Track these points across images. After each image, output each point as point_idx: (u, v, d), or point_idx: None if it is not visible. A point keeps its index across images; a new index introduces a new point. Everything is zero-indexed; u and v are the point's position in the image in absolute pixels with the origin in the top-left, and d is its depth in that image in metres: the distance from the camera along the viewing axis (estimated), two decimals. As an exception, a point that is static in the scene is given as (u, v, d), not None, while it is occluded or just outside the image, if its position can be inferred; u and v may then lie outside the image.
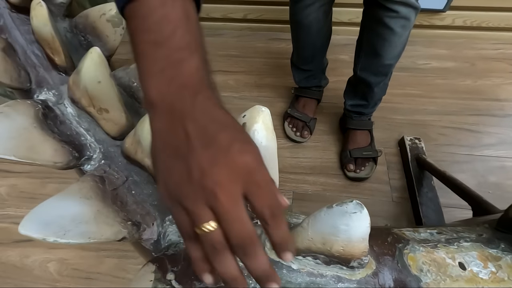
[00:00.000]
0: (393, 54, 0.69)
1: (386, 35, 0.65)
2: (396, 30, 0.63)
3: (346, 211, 0.27)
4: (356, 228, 0.28)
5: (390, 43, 0.66)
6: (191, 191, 0.20)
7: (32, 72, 0.39)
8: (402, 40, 0.66)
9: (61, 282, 0.72)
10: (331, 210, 0.27)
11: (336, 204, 0.27)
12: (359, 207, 0.26)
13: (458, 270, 0.34)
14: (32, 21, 0.34)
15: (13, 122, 0.32)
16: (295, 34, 0.84)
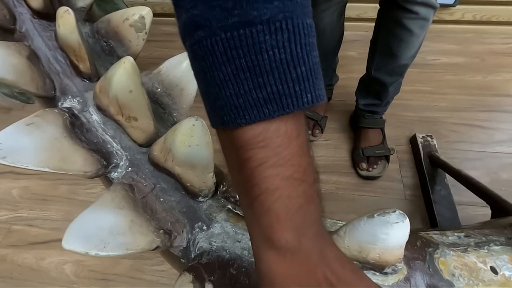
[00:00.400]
0: (409, 54, 0.68)
1: (404, 36, 0.64)
2: (415, 31, 0.63)
3: (388, 221, 0.27)
4: (395, 238, 0.28)
5: (408, 44, 0.65)
6: None
7: (56, 80, 0.39)
8: (420, 40, 0.66)
9: (78, 284, 0.73)
10: (372, 220, 0.27)
11: (378, 214, 0.27)
12: (402, 217, 0.26)
13: (490, 275, 0.34)
14: (59, 28, 0.34)
15: (44, 133, 0.31)
16: None
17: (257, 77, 0.16)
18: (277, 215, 0.18)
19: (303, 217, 0.18)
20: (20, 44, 0.37)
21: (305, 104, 0.17)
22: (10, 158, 0.27)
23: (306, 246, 0.18)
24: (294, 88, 0.17)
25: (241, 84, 0.16)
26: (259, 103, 0.17)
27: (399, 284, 0.34)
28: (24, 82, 0.34)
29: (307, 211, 0.18)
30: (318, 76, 0.18)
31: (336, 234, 0.30)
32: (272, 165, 0.17)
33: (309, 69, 0.17)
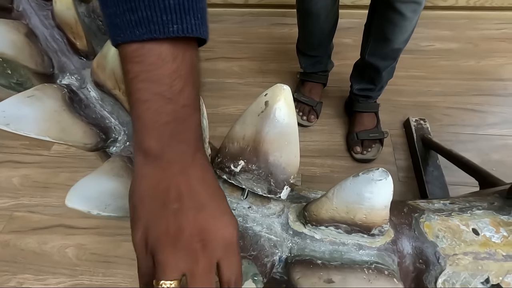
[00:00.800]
0: (402, 38, 0.69)
1: (397, 20, 0.65)
2: (407, 15, 0.63)
3: (372, 179, 0.28)
4: (380, 195, 0.29)
5: (401, 28, 0.66)
6: (172, 246, 0.21)
7: (53, 57, 0.40)
8: (413, 24, 0.67)
9: (81, 266, 0.75)
10: (357, 179, 0.29)
11: (363, 173, 0.29)
12: (385, 174, 0.28)
13: (472, 236, 0.36)
14: (55, 5, 0.35)
15: (45, 105, 0.33)
16: (302, 22, 0.83)
17: (130, 1, 0.19)
18: (144, 122, 0.21)
19: (170, 132, 0.21)
20: (18, 22, 0.38)
21: (171, 33, 0.19)
22: (13, 125, 0.29)
23: (169, 157, 0.21)
24: (161, 17, 0.19)
25: (118, 5, 0.19)
26: (131, 24, 0.19)
27: (386, 246, 0.36)
28: (23, 58, 0.35)
29: (175, 129, 0.21)
30: (190, 12, 0.20)
31: (325, 196, 0.32)
32: (144, 79, 0.20)
33: (178, 3, 0.19)
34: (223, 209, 0.24)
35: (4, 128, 0.28)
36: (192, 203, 0.22)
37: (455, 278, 0.34)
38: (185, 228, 0.21)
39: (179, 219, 0.21)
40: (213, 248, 0.22)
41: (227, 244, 0.23)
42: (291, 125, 0.36)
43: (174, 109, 0.21)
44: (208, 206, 0.22)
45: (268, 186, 0.37)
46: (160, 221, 0.21)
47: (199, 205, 0.22)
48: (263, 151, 0.36)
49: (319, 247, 0.35)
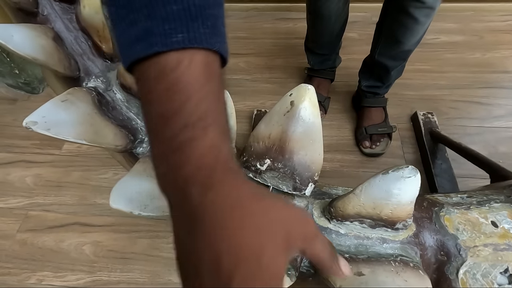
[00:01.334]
0: (413, 41, 0.69)
1: (409, 24, 0.65)
2: (420, 20, 0.63)
3: (402, 176, 0.29)
4: (407, 192, 0.31)
5: (412, 31, 0.66)
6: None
7: (79, 61, 0.41)
8: (425, 28, 0.67)
9: (98, 263, 0.76)
10: (387, 176, 0.30)
11: (392, 170, 0.30)
12: (414, 171, 0.29)
13: (491, 228, 0.37)
14: (84, 9, 0.35)
15: (78, 109, 0.33)
16: (312, 23, 0.83)
17: (131, 13, 0.16)
18: (154, 163, 0.18)
19: (174, 168, 0.17)
20: (45, 27, 0.38)
21: (175, 44, 0.16)
22: (53, 130, 0.29)
23: (177, 202, 0.17)
24: (163, 27, 0.16)
25: (121, 22, 0.17)
26: (131, 40, 0.16)
27: (408, 239, 0.37)
28: (53, 62, 0.36)
29: (179, 161, 0.17)
30: (198, 18, 0.17)
31: (353, 193, 0.33)
32: (148, 101, 0.17)
33: (183, 8, 0.16)
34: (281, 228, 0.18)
35: (45, 132, 0.29)
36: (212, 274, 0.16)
37: (475, 268, 0.35)
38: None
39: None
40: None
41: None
42: (316, 124, 0.37)
43: (172, 135, 0.17)
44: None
45: (294, 184, 0.38)
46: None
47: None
48: (289, 149, 0.37)
49: (344, 241, 0.37)
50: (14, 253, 0.79)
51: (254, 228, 0.16)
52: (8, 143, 1.00)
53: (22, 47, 0.33)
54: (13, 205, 0.87)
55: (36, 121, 0.29)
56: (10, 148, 0.99)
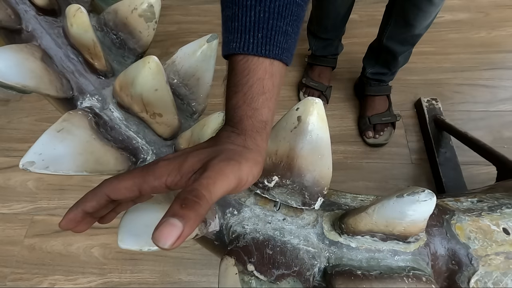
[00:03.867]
0: (425, 24, 0.66)
1: (423, 5, 0.61)
2: (435, 1, 0.60)
3: (418, 200, 0.28)
4: (422, 213, 0.30)
5: (425, 13, 0.63)
6: None
7: (71, 79, 0.38)
8: (437, 10, 0.63)
9: (108, 265, 0.78)
10: (402, 199, 0.29)
11: (407, 194, 0.29)
12: (430, 195, 0.28)
13: (503, 236, 0.37)
14: (71, 28, 0.33)
15: (76, 137, 0.32)
16: (318, 3, 0.79)
17: (236, 22, 0.25)
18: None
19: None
20: (31, 45, 0.35)
21: (231, 50, 0.25)
22: (52, 167, 0.28)
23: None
24: (227, 37, 0.25)
25: (227, 22, 0.25)
26: (231, 39, 0.25)
27: (420, 250, 0.37)
28: (44, 86, 0.34)
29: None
30: (278, 37, 0.25)
31: (365, 212, 0.33)
32: (242, 83, 0.25)
33: (266, 34, 0.25)
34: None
35: (44, 171, 0.28)
36: None
37: (487, 277, 0.35)
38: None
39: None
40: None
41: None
42: (325, 139, 0.35)
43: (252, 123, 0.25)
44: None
45: (303, 199, 0.37)
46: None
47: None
48: (297, 166, 0.36)
49: (355, 255, 0.36)
50: (23, 259, 0.80)
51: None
52: (5, 147, 0.98)
53: (9, 75, 0.30)
54: (18, 210, 0.87)
55: (33, 160, 0.27)
56: (8, 152, 0.97)
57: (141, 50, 0.42)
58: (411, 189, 0.29)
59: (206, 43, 0.40)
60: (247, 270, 0.32)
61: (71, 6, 0.32)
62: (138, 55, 0.42)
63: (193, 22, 1.20)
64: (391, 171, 0.85)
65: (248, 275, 0.31)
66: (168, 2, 1.25)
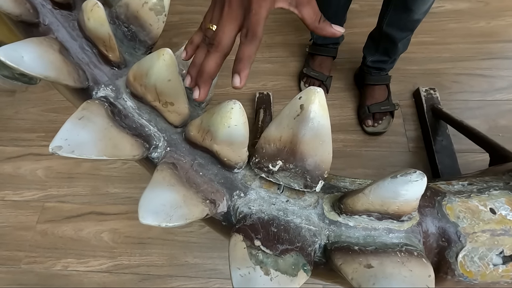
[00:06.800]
0: (424, 9, 0.67)
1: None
2: None
3: (410, 180, 0.31)
4: (414, 192, 0.33)
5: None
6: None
7: (86, 70, 0.40)
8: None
9: (118, 249, 0.81)
10: (395, 180, 0.32)
11: (401, 175, 0.32)
12: (421, 176, 0.31)
13: (489, 215, 0.40)
14: (88, 22, 0.35)
15: (95, 125, 0.34)
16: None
17: None
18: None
19: None
20: (49, 38, 0.38)
21: None
22: (77, 151, 0.31)
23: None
24: None
25: None
26: None
27: (412, 228, 0.40)
28: (63, 77, 0.36)
29: None
30: None
31: (362, 192, 0.35)
32: None
33: None
34: None
35: (70, 155, 0.30)
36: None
37: (473, 252, 0.39)
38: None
39: None
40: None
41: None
42: (326, 126, 0.38)
43: None
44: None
45: (305, 182, 0.40)
46: None
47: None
48: (299, 151, 0.38)
49: (353, 233, 0.40)
50: (37, 243, 0.84)
51: None
52: (13, 137, 1.01)
53: (33, 67, 0.33)
54: (29, 197, 0.90)
55: (60, 145, 0.30)
56: (17, 141, 1.00)
57: (151, 42, 0.44)
58: (404, 171, 0.32)
59: (213, 35, 0.42)
60: (254, 245, 0.35)
61: (88, 1, 0.34)
62: (148, 47, 0.44)
63: (195, 12, 1.21)
64: (389, 158, 0.88)
65: (256, 249, 0.34)
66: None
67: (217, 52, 0.31)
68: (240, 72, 0.31)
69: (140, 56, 0.44)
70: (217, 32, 0.31)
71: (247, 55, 0.31)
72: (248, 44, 0.31)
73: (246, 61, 0.31)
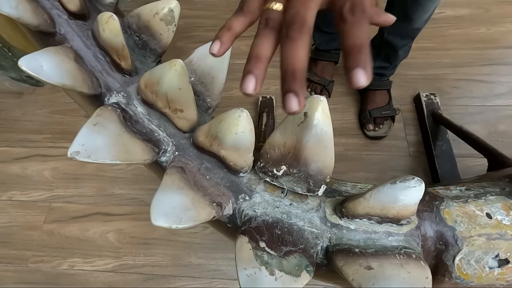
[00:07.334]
0: (424, 18, 0.69)
1: (421, 0, 0.65)
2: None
3: (408, 186, 0.33)
4: (412, 197, 0.34)
5: (424, 7, 0.66)
6: None
7: (99, 77, 0.42)
8: (435, 5, 0.67)
9: (123, 249, 0.83)
10: (395, 185, 0.34)
11: (400, 181, 0.33)
12: (419, 182, 0.33)
13: (485, 219, 0.41)
14: (103, 32, 0.37)
15: (109, 131, 0.36)
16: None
17: None
18: None
19: None
20: (65, 47, 0.39)
21: None
22: (93, 156, 0.32)
23: None
24: None
25: None
26: None
27: (411, 231, 0.41)
28: (79, 84, 0.38)
29: None
30: None
31: (363, 197, 0.37)
32: None
33: None
34: None
35: (87, 160, 0.32)
36: None
37: (470, 256, 0.40)
38: None
39: None
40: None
41: None
42: (328, 133, 0.40)
43: None
44: None
45: (307, 186, 0.42)
46: None
47: None
48: (303, 157, 0.40)
49: (354, 236, 0.41)
50: (44, 243, 0.85)
51: None
52: (21, 138, 1.03)
53: (51, 76, 0.34)
54: (36, 198, 0.92)
55: (78, 150, 0.32)
56: (24, 142, 1.02)
57: (161, 50, 0.46)
58: (403, 177, 0.33)
59: (221, 44, 0.43)
60: (260, 246, 0.36)
61: (104, 13, 0.36)
62: (158, 55, 0.46)
63: (199, 17, 1.23)
64: (389, 162, 0.89)
65: (261, 250, 0.36)
66: None
67: (303, 34, 0.21)
68: (364, 65, 0.19)
69: (150, 64, 0.46)
70: (296, 9, 0.22)
71: (363, 38, 0.20)
72: (358, 23, 0.21)
73: (365, 48, 0.20)
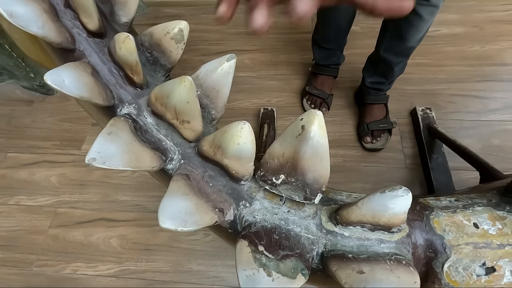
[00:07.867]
0: (417, 37, 0.73)
1: (414, 21, 0.69)
2: (425, 17, 0.67)
3: (396, 195, 0.35)
4: (401, 206, 0.37)
5: (417, 28, 0.70)
6: None
7: (113, 90, 0.46)
8: (428, 25, 0.71)
9: (125, 254, 0.85)
10: (384, 194, 0.36)
11: (389, 190, 0.36)
12: (406, 191, 0.35)
13: (472, 229, 0.44)
14: (120, 51, 0.40)
15: (122, 139, 0.39)
16: (321, 13, 0.87)
17: None
18: None
19: None
20: (83, 63, 0.43)
21: None
22: (107, 163, 0.35)
23: None
24: None
25: None
26: None
27: (402, 239, 0.44)
28: (95, 97, 0.41)
29: None
30: None
31: (355, 205, 0.40)
32: None
33: None
34: None
35: (103, 166, 0.35)
36: None
37: (458, 263, 0.42)
38: None
39: None
40: None
41: None
42: (324, 145, 0.43)
43: None
44: None
45: (304, 194, 0.44)
46: None
47: None
48: (300, 167, 0.43)
49: (348, 242, 0.43)
50: (48, 247, 0.88)
51: None
52: (30, 144, 1.06)
53: (72, 89, 0.38)
54: (42, 203, 0.95)
55: (94, 157, 0.35)
56: (33, 149, 1.05)
57: (170, 66, 0.49)
58: (392, 187, 0.36)
59: (225, 61, 0.47)
60: (258, 250, 0.39)
61: (121, 33, 0.39)
62: (167, 70, 0.50)
63: (204, 31, 1.28)
64: (386, 174, 0.91)
65: (259, 253, 0.38)
66: (181, 11, 1.33)
67: None
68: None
69: (160, 78, 0.50)
70: None
71: None
72: None
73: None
